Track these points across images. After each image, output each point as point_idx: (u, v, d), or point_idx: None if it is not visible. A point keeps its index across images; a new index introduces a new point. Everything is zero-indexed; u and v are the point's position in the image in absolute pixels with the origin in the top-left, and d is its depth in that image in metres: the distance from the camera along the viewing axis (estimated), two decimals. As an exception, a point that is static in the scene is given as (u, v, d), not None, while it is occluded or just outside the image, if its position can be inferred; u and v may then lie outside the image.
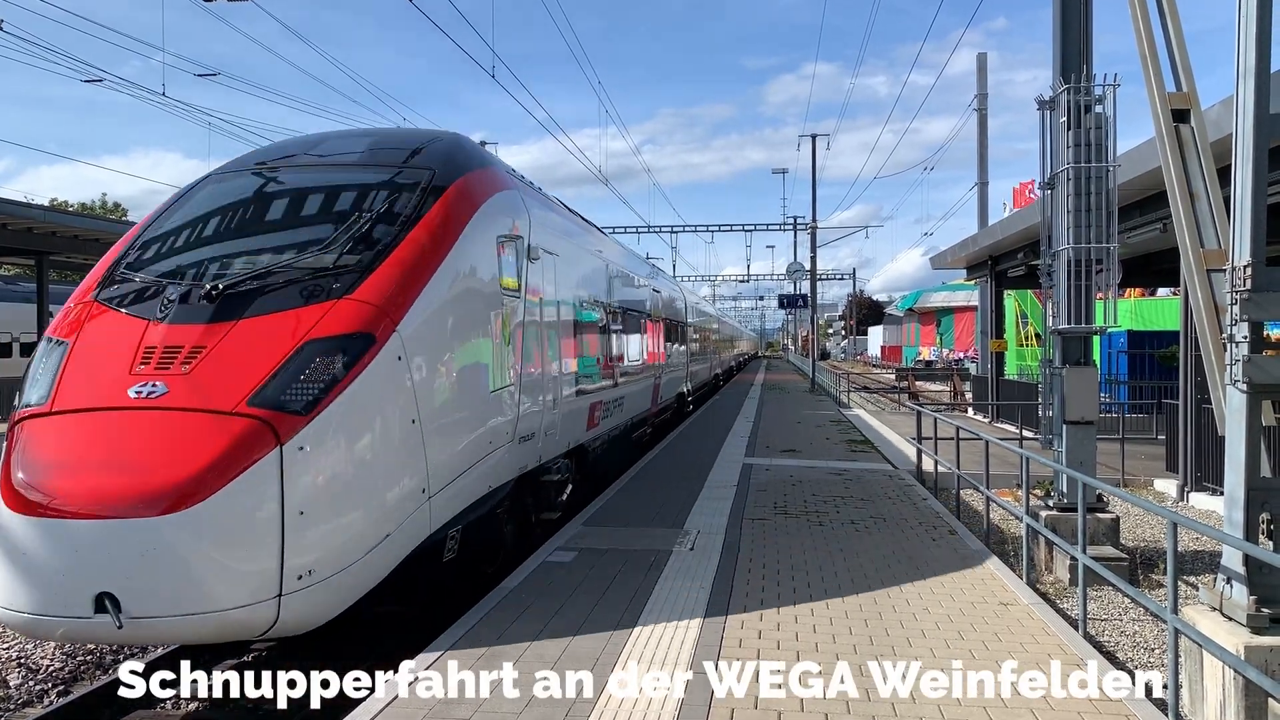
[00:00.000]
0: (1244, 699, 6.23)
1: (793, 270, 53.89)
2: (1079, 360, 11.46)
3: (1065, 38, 11.42)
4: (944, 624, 7.14)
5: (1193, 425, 14.64)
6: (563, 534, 10.35)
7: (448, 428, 7.66)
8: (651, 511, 11.70)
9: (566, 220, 13.26)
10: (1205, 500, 14.07)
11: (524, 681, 5.88)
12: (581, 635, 6.82)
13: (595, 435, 13.33)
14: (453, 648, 6.57)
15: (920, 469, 15.79)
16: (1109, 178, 10.88)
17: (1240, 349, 6.88)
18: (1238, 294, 6.88)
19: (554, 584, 8.25)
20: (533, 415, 9.65)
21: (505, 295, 8.93)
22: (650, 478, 14.65)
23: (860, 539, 10.14)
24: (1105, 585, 9.56)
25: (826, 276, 78.75)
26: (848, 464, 16.66)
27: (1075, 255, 10.88)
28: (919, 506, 12.20)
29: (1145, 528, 13.14)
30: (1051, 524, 10.84)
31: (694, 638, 6.78)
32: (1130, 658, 8.15)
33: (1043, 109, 11.54)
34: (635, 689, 5.79)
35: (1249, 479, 6.92)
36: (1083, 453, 11.16)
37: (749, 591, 8.02)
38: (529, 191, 11.01)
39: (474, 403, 8.23)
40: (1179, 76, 8.38)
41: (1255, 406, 6.96)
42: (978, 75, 36.99)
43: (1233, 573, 6.85)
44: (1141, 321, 32.90)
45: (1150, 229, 16.14)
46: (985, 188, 36.28)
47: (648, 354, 19.06)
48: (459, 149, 9.46)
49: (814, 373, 46.14)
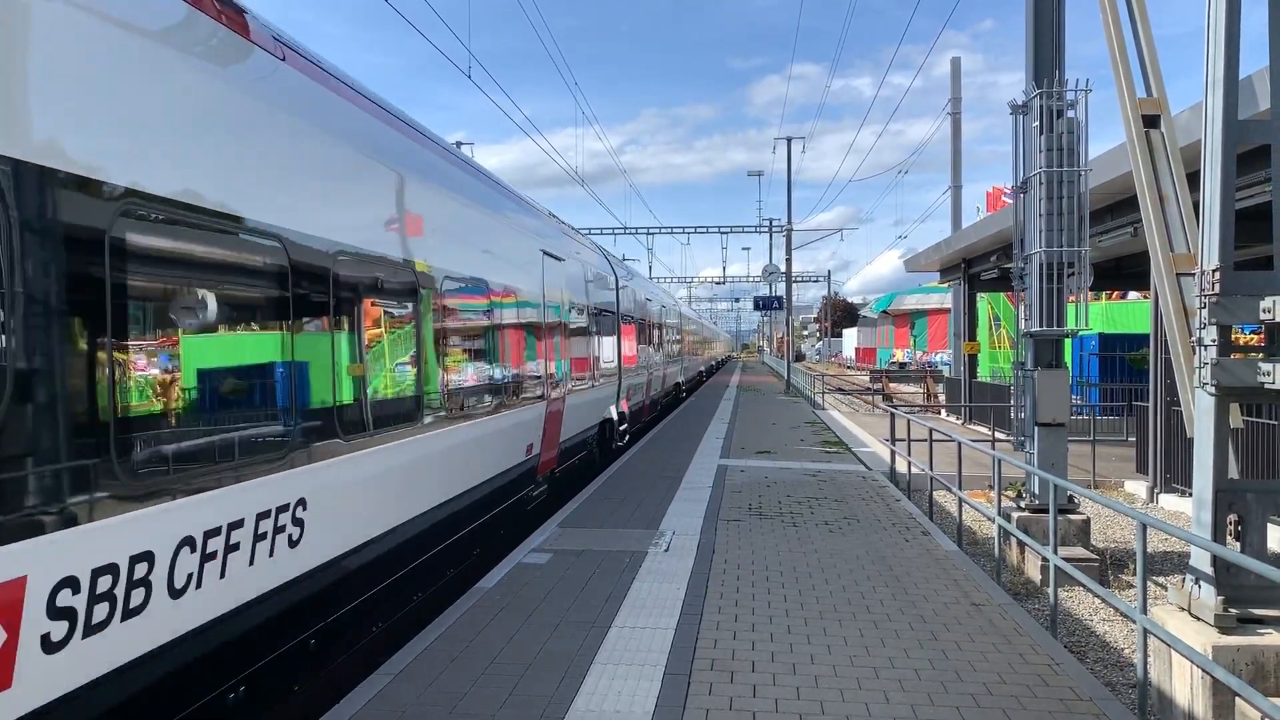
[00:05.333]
0: (1211, 698, 6.30)
1: (768, 272, 54.06)
2: (1051, 363, 11.56)
3: (1038, 43, 11.54)
4: (917, 624, 7.17)
5: (1162, 427, 14.81)
6: (538, 535, 10.32)
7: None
8: (627, 513, 11.70)
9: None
10: (1174, 501, 14.24)
11: (501, 681, 5.87)
12: (556, 638, 6.81)
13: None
14: (427, 649, 6.53)
15: (894, 470, 15.88)
16: (1081, 182, 10.98)
17: (1209, 352, 6.97)
18: (1206, 298, 6.97)
19: (529, 585, 8.23)
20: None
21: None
22: (625, 479, 14.63)
23: (834, 540, 10.18)
24: (1076, 585, 9.66)
25: (802, 279, 79.19)
26: (822, 465, 16.72)
27: (1047, 259, 10.98)
28: (892, 508, 12.27)
29: (1116, 529, 13.28)
30: (1023, 525, 10.94)
31: (669, 640, 6.78)
32: (1101, 657, 8.23)
33: (1015, 113, 11.64)
34: (608, 692, 5.79)
35: (1217, 480, 7.01)
36: (1054, 454, 11.26)
37: (724, 593, 8.03)
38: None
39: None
40: (1150, 82, 8.49)
41: (1223, 409, 7.05)
42: (952, 80, 37.25)
43: (1201, 573, 6.93)
44: (1113, 325, 33.21)
45: (1121, 233, 16.32)
46: (959, 191, 36.55)
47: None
48: None
49: (789, 374, 46.29)
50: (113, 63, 4.35)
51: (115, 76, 4.36)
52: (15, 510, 3.66)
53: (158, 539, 4.42)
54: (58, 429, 3.91)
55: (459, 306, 8.94)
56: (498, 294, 10.18)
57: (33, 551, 3.70)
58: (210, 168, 5.02)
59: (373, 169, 7.30)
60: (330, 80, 6.89)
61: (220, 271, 5.18)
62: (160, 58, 4.71)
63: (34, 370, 3.79)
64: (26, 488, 3.72)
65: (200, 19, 5.11)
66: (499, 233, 10.97)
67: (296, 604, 5.75)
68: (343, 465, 6.27)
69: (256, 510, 5.24)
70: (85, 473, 4.01)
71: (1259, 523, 7.00)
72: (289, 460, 5.59)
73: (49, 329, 3.88)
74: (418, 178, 8.23)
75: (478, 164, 12.07)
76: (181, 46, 4.90)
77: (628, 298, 21.57)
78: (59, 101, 3.99)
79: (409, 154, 8.25)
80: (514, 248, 11.45)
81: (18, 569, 3.64)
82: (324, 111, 6.60)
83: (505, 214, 11.50)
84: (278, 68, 5.95)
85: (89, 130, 4.15)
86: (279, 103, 5.89)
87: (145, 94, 4.57)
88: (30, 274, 3.77)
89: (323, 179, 6.42)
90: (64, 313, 3.96)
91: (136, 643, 4.31)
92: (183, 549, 4.59)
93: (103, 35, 4.31)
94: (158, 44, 4.71)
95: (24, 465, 3.72)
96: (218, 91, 5.20)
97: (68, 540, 3.88)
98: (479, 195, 10.42)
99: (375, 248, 6.99)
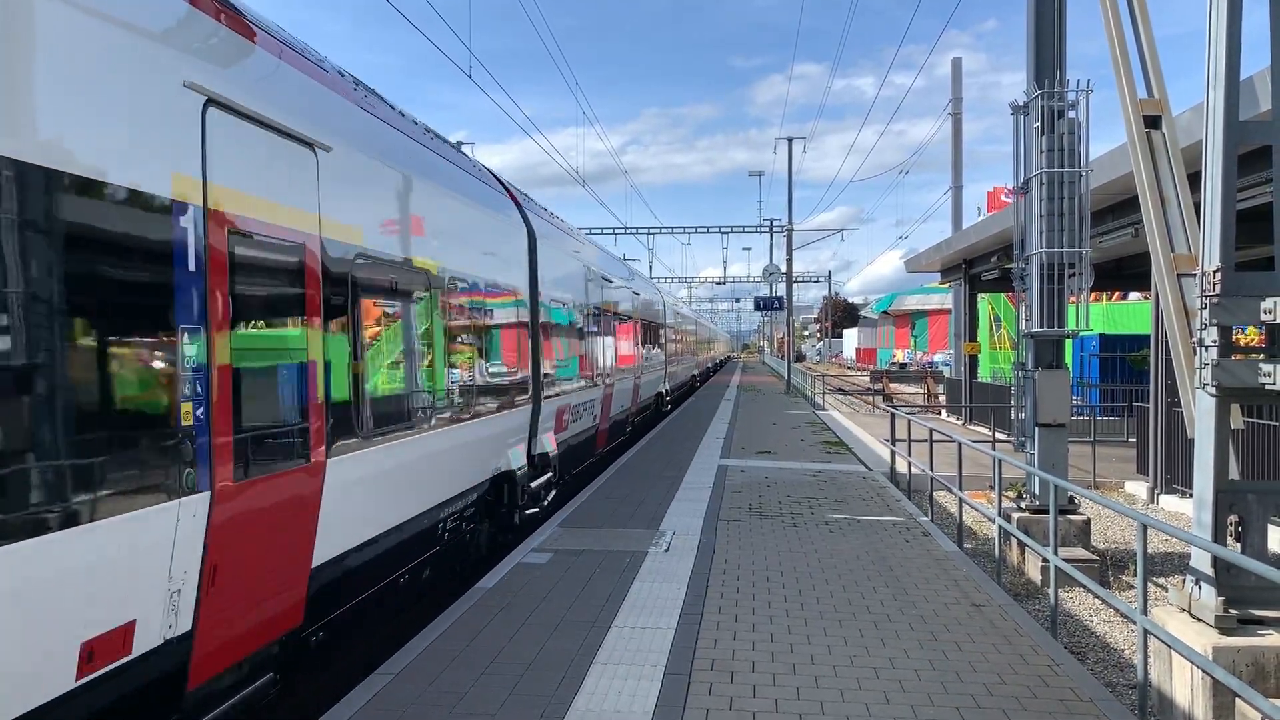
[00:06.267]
0: (1212, 698, 6.30)
1: (769, 272, 54.03)
2: (1051, 363, 11.56)
3: (1039, 43, 11.53)
4: (917, 625, 7.17)
5: (1163, 428, 14.80)
6: (538, 535, 10.32)
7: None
8: (627, 513, 11.69)
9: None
10: (1175, 502, 14.23)
11: (501, 681, 5.86)
12: (555, 638, 6.81)
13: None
14: (427, 649, 6.54)
15: (894, 470, 15.87)
16: (1082, 182, 10.98)
17: (1210, 353, 6.96)
18: (1207, 298, 6.96)
19: (529, 585, 8.23)
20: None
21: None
22: (626, 479, 14.63)
23: (834, 540, 10.18)
24: (1077, 586, 9.65)
25: (803, 279, 79.19)
26: (822, 465, 16.72)
27: (1048, 259, 10.98)
28: (892, 508, 12.26)
29: (1116, 529, 13.27)
30: (1024, 526, 10.93)
31: (669, 640, 6.78)
32: (1101, 658, 8.22)
33: (1017, 114, 11.63)
34: (608, 692, 5.79)
35: (1218, 481, 7.00)
36: (1054, 455, 11.26)
37: (724, 593, 8.03)
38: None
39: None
40: (1150, 82, 8.48)
41: (1224, 410, 7.04)
42: (952, 80, 37.24)
43: (1201, 574, 6.92)
44: (1113, 325, 33.20)
45: (1122, 233, 16.30)
46: (960, 191, 36.53)
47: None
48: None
49: (789, 375, 46.27)
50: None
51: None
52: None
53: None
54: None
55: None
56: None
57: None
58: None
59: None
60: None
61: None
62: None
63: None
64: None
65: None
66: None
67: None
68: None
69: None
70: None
71: (1259, 524, 6.99)
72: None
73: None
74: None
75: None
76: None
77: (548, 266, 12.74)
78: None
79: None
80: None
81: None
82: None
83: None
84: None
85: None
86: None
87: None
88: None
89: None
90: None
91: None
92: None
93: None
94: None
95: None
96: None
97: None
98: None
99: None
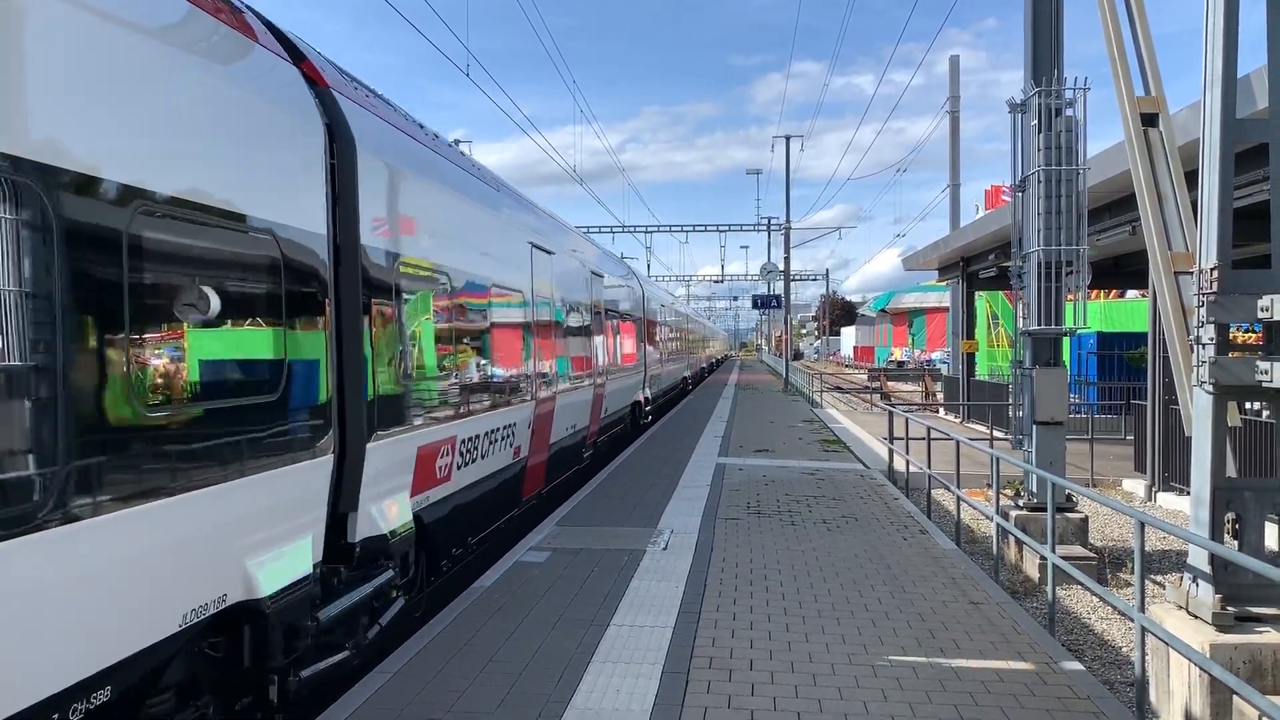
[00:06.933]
0: (1209, 696, 6.31)
1: (766, 271, 54.01)
2: (1049, 361, 11.57)
3: (1036, 42, 11.54)
4: (915, 622, 7.18)
5: (1160, 426, 14.82)
6: (536, 533, 10.32)
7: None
8: (625, 511, 11.70)
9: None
10: (1172, 500, 14.25)
11: (499, 679, 5.86)
12: (554, 636, 6.81)
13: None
14: (425, 647, 6.54)
15: (892, 468, 15.88)
16: (1079, 180, 10.99)
17: (1207, 351, 6.97)
18: (1204, 296, 6.97)
19: (528, 583, 8.23)
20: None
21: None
22: (623, 477, 14.63)
23: (832, 538, 10.18)
24: (1074, 584, 9.67)
25: (801, 277, 79.18)
26: (820, 463, 16.72)
27: (1046, 257, 10.99)
28: (890, 506, 12.27)
29: (1114, 527, 13.29)
30: (1021, 523, 10.95)
31: (667, 639, 6.78)
32: (1099, 655, 8.24)
33: (1014, 112, 11.64)
34: (607, 690, 5.79)
35: (1215, 479, 7.01)
36: (1052, 453, 11.27)
37: (722, 591, 8.03)
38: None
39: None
40: (1148, 80, 8.49)
41: (1221, 407, 7.05)
42: (950, 78, 37.28)
43: (1199, 572, 6.94)
44: (1111, 323, 33.23)
45: (1120, 231, 16.32)
46: (957, 189, 36.59)
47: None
48: None
49: (787, 373, 46.30)
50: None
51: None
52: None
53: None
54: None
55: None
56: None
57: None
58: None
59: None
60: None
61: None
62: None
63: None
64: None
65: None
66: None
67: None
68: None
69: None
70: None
71: (1257, 521, 7.00)
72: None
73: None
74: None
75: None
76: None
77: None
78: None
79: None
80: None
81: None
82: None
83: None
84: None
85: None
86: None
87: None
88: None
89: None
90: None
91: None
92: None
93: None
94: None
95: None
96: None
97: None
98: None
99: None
